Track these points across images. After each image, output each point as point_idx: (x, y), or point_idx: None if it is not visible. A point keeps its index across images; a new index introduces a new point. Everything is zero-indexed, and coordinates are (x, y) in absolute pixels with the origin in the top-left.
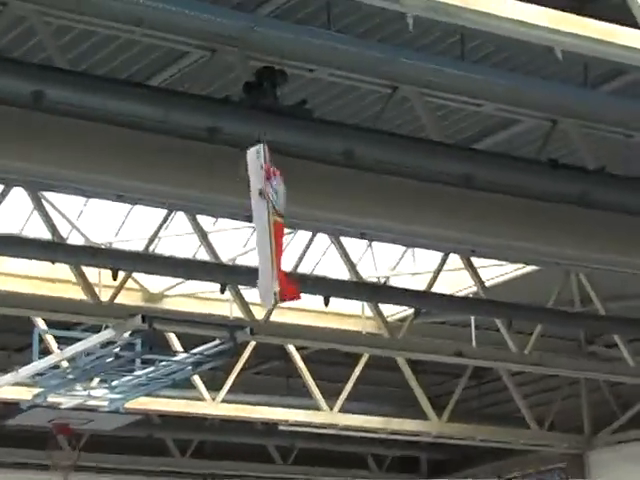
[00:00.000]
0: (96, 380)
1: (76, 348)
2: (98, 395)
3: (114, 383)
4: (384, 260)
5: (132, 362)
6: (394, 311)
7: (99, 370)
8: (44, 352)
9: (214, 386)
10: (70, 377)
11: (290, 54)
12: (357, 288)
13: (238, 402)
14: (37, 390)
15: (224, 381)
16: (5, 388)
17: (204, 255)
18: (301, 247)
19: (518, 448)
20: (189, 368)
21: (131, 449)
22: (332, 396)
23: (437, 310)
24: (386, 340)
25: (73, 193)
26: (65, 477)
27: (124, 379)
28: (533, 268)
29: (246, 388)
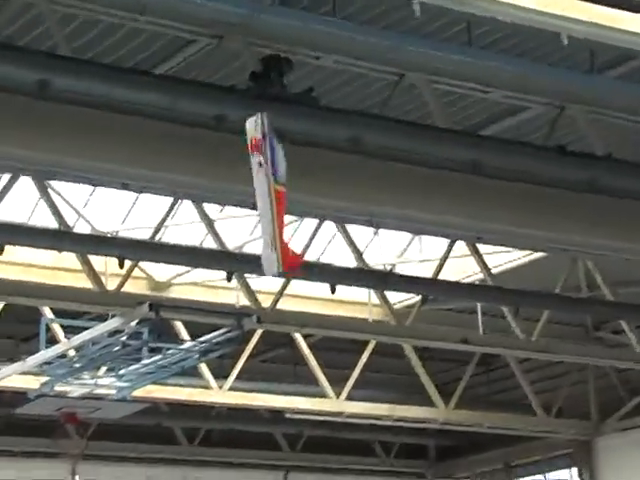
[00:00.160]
0: (103, 369)
1: (83, 337)
2: (105, 383)
3: (121, 372)
4: (391, 247)
5: (139, 350)
6: (401, 298)
7: (106, 359)
8: (51, 341)
9: (221, 374)
10: (77, 366)
11: (296, 41)
12: (364, 275)
13: (245, 390)
14: (44, 379)
15: (231, 369)
16: (13, 377)
17: (211, 243)
18: (307, 235)
19: (525, 435)
20: (196, 356)
21: (139, 437)
22: (339, 383)
23: (444, 297)
24: (393, 327)
25: (79, 181)
26: (73, 465)
27: (131, 367)
28: (540, 254)
29: (253, 376)
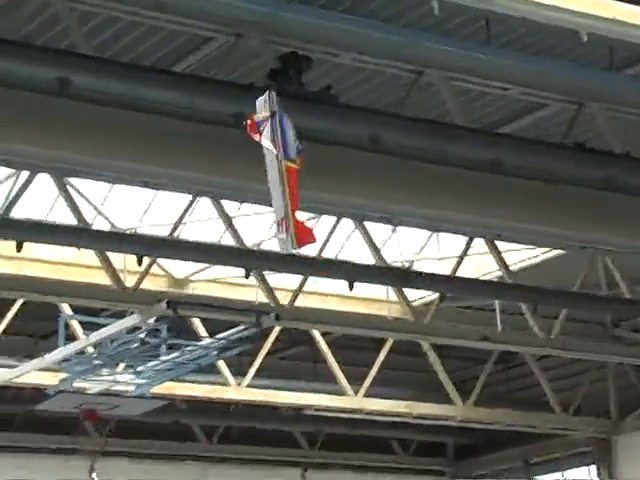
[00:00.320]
0: (122, 365)
1: (102, 334)
2: (124, 380)
3: (140, 368)
4: (409, 245)
5: (157, 347)
6: (419, 295)
7: (125, 356)
8: (70, 338)
9: (239, 371)
10: (96, 363)
11: (315, 39)
12: (382, 273)
13: (263, 387)
14: (63, 375)
15: (249, 366)
16: (32, 374)
17: (229, 240)
18: (325, 232)
19: (544, 432)
20: (214, 353)
21: (157, 434)
22: (357, 381)
23: (462, 295)
24: (411, 325)
25: (99, 179)
26: (92, 462)
27: (150, 364)
28: (559, 252)
29: (271, 373)
